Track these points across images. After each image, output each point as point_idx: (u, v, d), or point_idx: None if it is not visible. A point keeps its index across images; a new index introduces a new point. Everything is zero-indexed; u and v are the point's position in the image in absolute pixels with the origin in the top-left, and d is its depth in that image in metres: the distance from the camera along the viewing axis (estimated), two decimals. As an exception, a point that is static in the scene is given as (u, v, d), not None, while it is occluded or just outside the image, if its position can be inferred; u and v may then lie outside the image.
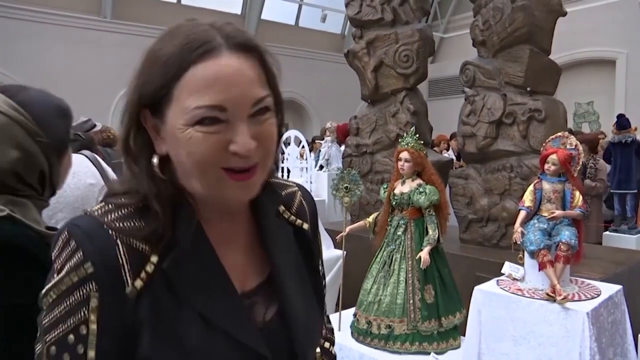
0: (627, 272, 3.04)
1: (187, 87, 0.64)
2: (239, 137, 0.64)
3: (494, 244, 3.60)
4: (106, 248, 0.64)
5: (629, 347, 2.40)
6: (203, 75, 0.64)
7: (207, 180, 0.66)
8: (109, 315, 0.63)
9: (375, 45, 4.45)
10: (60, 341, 0.63)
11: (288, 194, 0.87)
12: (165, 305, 0.65)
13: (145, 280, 0.65)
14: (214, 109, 0.63)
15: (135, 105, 0.68)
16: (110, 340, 0.63)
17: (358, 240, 3.26)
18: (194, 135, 0.64)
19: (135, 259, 0.65)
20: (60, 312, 0.64)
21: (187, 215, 0.69)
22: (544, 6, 3.48)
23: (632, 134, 5.79)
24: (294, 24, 12.62)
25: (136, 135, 0.69)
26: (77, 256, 0.63)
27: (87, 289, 0.63)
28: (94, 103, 9.04)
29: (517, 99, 3.47)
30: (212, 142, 0.64)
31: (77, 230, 0.65)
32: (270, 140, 0.69)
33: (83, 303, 0.63)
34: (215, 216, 0.73)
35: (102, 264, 0.63)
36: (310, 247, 0.87)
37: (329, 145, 6.63)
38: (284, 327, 0.75)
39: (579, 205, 2.32)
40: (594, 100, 10.76)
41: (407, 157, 2.54)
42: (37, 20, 8.97)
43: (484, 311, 2.41)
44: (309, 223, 0.88)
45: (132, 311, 0.64)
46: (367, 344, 2.53)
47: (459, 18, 12.73)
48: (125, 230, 0.66)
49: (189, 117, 0.64)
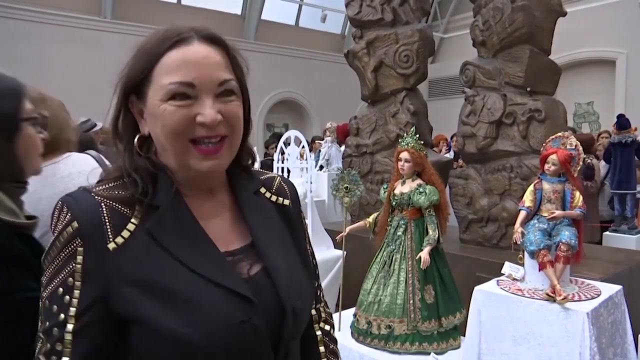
0: (627, 272, 3.04)
1: (163, 68, 0.76)
2: (204, 109, 0.75)
3: (494, 244, 3.60)
4: (91, 209, 0.74)
5: (629, 348, 2.40)
6: (176, 58, 0.76)
7: (176, 152, 0.77)
8: (93, 266, 0.71)
9: (375, 45, 4.45)
10: (52, 295, 0.72)
11: (267, 179, 0.97)
12: (148, 259, 0.73)
13: (126, 237, 0.74)
14: (183, 85, 0.75)
15: (122, 89, 0.80)
16: (94, 289, 0.71)
17: (358, 240, 3.26)
18: (167, 109, 0.75)
19: (117, 219, 0.74)
20: (54, 268, 0.73)
21: (166, 185, 0.79)
22: (544, 6, 3.48)
23: (632, 134, 5.79)
24: (294, 24, 12.61)
25: (123, 118, 0.82)
26: (67, 217, 0.74)
27: (74, 244, 0.72)
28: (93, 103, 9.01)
29: (517, 99, 3.47)
30: (181, 113, 0.75)
31: (69, 198, 0.76)
32: (235, 118, 0.80)
33: (71, 257, 0.72)
34: (195, 192, 0.83)
35: (87, 221, 0.73)
36: (293, 221, 0.95)
37: (329, 145, 6.64)
38: (269, 281, 0.82)
39: (579, 206, 2.32)
40: (594, 100, 10.76)
41: (407, 157, 2.54)
42: (37, 20, 8.96)
43: (484, 311, 2.41)
44: (289, 199, 0.96)
45: (115, 265, 0.72)
46: (367, 344, 2.53)
47: (459, 18, 12.73)
48: (109, 196, 0.76)
49: (163, 92, 0.75)
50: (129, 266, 0.72)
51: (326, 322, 1.03)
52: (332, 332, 1.04)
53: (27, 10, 8.86)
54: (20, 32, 8.75)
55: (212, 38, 0.80)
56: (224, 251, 0.81)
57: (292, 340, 0.85)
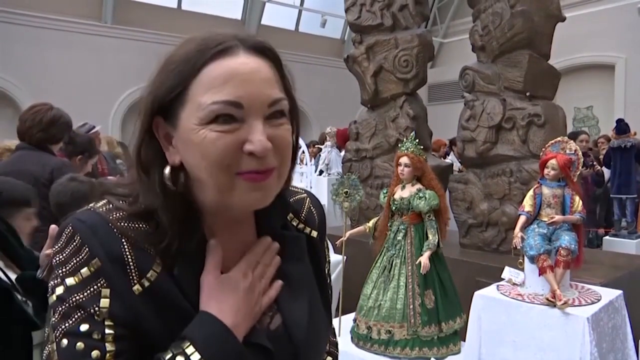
0: (627, 277, 3.04)
1: (203, 85, 0.63)
2: (254, 135, 0.63)
3: (493, 249, 3.59)
4: (111, 245, 0.64)
5: (630, 353, 2.39)
6: (220, 72, 0.64)
7: (219, 185, 0.65)
8: (120, 308, 0.63)
9: (374, 50, 4.46)
10: (72, 331, 0.62)
11: (297, 201, 0.87)
12: (172, 302, 0.66)
13: (152, 280, 0.64)
14: (230, 105, 0.62)
15: (149, 109, 0.67)
16: (124, 329, 0.63)
17: (358, 245, 3.25)
18: (208, 135, 0.62)
19: (141, 258, 0.65)
20: (70, 306, 0.63)
21: (193, 226, 0.68)
22: (543, 11, 3.49)
23: (631, 139, 5.80)
24: (293, 29, 12.66)
25: (148, 144, 0.68)
26: (83, 252, 0.63)
27: (98, 284, 0.63)
28: (94, 107, 9.05)
29: (517, 104, 3.48)
30: (226, 141, 0.63)
31: (82, 226, 0.64)
32: (286, 145, 0.68)
33: (95, 298, 0.62)
34: (222, 228, 0.73)
35: (108, 259, 0.63)
36: (318, 255, 0.86)
37: (328, 150, 6.64)
38: (288, 337, 0.74)
39: (578, 210, 2.32)
40: (593, 105, 10.77)
41: (406, 162, 2.54)
42: (39, 25, 9.00)
43: (484, 316, 2.40)
44: (317, 230, 0.87)
45: (140, 304, 0.64)
46: (367, 349, 2.53)
47: (458, 23, 12.77)
48: (129, 230, 0.65)
49: (203, 114, 0.63)
50: (154, 310, 0.64)
51: (330, 354, 0.95)
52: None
53: (29, 16, 8.89)
54: (21, 37, 8.78)
55: (261, 48, 0.68)
56: None
57: None
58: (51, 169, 2.49)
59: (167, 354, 0.62)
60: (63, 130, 2.69)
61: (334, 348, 0.98)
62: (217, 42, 0.65)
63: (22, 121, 2.61)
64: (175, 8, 10.84)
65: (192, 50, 0.65)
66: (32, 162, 2.51)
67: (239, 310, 0.67)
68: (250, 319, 0.69)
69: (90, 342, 0.62)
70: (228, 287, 0.68)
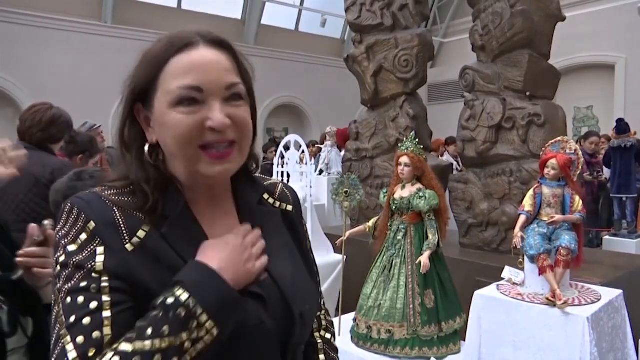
0: (627, 276, 3.04)
1: (170, 74, 0.76)
2: (213, 113, 0.75)
3: (493, 249, 3.59)
4: (104, 212, 0.74)
5: (630, 352, 2.39)
6: (183, 63, 0.76)
7: (186, 159, 0.76)
8: (114, 262, 0.71)
9: (375, 50, 4.46)
10: (74, 290, 0.70)
11: (270, 185, 0.98)
12: (163, 262, 0.74)
13: (142, 238, 0.74)
14: (191, 89, 0.74)
15: (128, 98, 0.79)
16: (119, 282, 0.70)
17: (358, 244, 3.25)
18: (175, 117, 0.74)
19: (131, 221, 0.75)
20: (72, 268, 0.71)
21: (175, 195, 0.79)
22: (543, 11, 3.49)
23: (631, 139, 5.80)
24: (294, 29, 12.65)
25: (130, 127, 0.80)
26: (81, 219, 0.73)
27: (93, 244, 0.72)
28: (94, 107, 9.05)
29: (517, 104, 3.48)
30: (190, 120, 0.74)
31: (79, 201, 0.75)
32: (244, 122, 0.79)
33: (91, 256, 0.71)
34: (200, 198, 0.83)
35: (102, 221, 0.73)
36: (296, 227, 0.96)
37: (328, 149, 6.64)
38: (276, 288, 0.82)
39: (578, 210, 2.32)
40: (593, 104, 10.78)
41: (406, 161, 2.55)
42: (39, 25, 9.00)
43: (484, 316, 2.40)
44: (292, 205, 0.97)
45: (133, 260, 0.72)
46: (367, 349, 2.53)
47: (458, 23, 12.77)
48: (119, 202, 0.76)
49: (170, 97, 0.74)
50: (147, 265, 0.72)
51: (327, 330, 1.03)
52: (333, 341, 1.03)
53: (29, 15, 8.89)
54: (21, 37, 8.78)
55: (218, 42, 0.80)
56: None
57: (299, 345, 0.85)
58: (52, 169, 2.48)
59: (159, 298, 0.69)
60: (63, 129, 2.69)
61: (331, 326, 1.05)
62: (181, 38, 0.77)
63: (22, 121, 2.61)
64: (175, 8, 10.84)
65: (161, 47, 0.78)
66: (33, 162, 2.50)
67: (226, 258, 0.75)
68: (240, 270, 0.76)
69: (89, 295, 0.69)
70: (218, 242, 0.78)
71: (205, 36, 0.79)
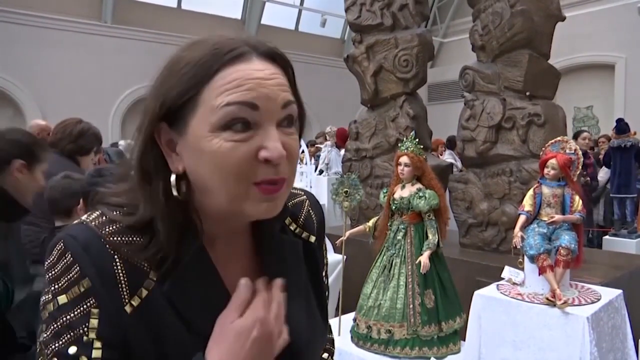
0: (627, 276, 3.04)
1: (217, 89, 0.61)
2: (270, 142, 0.61)
3: (493, 249, 3.59)
4: (103, 262, 0.63)
5: (630, 352, 2.39)
6: (234, 76, 0.62)
7: (234, 194, 0.63)
8: (109, 328, 0.62)
9: (374, 50, 4.46)
10: (62, 353, 0.62)
11: (295, 204, 0.85)
12: (163, 320, 0.64)
13: (143, 298, 0.64)
14: (245, 106, 0.60)
15: (156, 114, 0.64)
16: (112, 350, 0.63)
17: (358, 244, 3.25)
18: (223, 145, 0.60)
19: (134, 275, 0.64)
20: (61, 325, 0.62)
21: (191, 239, 0.66)
22: (543, 11, 3.49)
23: (631, 138, 5.80)
24: (293, 28, 12.66)
25: (149, 151, 0.66)
26: (74, 271, 0.62)
27: (87, 304, 0.62)
28: (94, 107, 9.05)
29: (517, 104, 3.48)
30: (242, 151, 0.60)
31: (73, 243, 0.63)
32: (295, 156, 0.67)
33: (84, 317, 0.62)
34: (219, 235, 0.71)
35: (99, 278, 0.62)
36: (316, 259, 0.85)
37: (328, 149, 6.64)
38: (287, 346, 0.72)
39: (578, 210, 2.32)
40: (593, 104, 10.79)
41: (406, 161, 2.55)
42: (39, 25, 9.00)
43: (484, 316, 2.40)
44: (315, 235, 0.86)
45: (130, 324, 0.63)
46: (367, 348, 2.53)
47: (458, 23, 12.78)
48: (123, 245, 0.64)
49: (217, 117, 0.60)
50: (145, 329, 0.63)
51: (326, 350, 0.95)
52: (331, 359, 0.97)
53: (29, 15, 8.89)
54: (21, 37, 8.78)
55: (273, 55, 0.67)
56: None
57: None
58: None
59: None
60: (92, 141, 2.86)
61: (330, 345, 0.98)
62: (230, 47, 0.63)
63: (54, 133, 2.84)
64: (175, 8, 10.84)
65: (205, 54, 0.63)
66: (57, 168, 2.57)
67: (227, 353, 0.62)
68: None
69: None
70: (237, 336, 0.63)
71: (257, 47, 0.65)
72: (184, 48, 0.66)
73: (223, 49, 0.63)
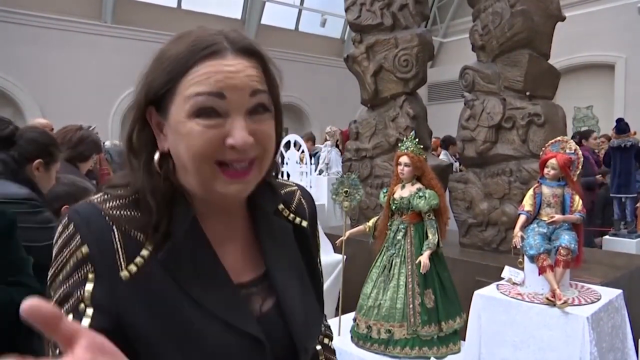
0: (627, 276, 3.04)
1: (190, 81, 0.68)
2: (236, 130, 0.67)
3: (493, 249, 3.59)
4: (102, 232, 0.68)
5: (630, 352, 2.40)
6: (205, 70, 0.68)
7: (201, 175, 0.69)
8: (103, 295, 0.66)
9: (374, 49, 4.46)
10: None
11: (287, 193, 0.90)
12: (160, 289, 0.68)
13: (139, 266, 0.68)
14: (212, 96, 0.67)
15: (142, 100, 0.71)
16: (104, 318, 0.65)
17: (358, 244, 3.25)
18: (193, 128, 0.67)
19: (130, 245, 0.68)
20: (62, 293, 0.67)
21: (183, 211, 0.72)
22: (543, 11, 3.49)
23: (631, 138, 5.80)
24: (293, 28, 12.66)
25: (140, 131, 0.73)
26: (75, 240, 0.67)
27: (84, 269, 0.66)
28: (94, 107, 9.06)
29: (517, 104, 3.48)
30: (209, 135, 0.67)
31: (76, 216, 0.69)
32: (267, 139, 0.72)
33: (81, 283, 0.66)
34: (212, 213, 0.76)
35: (97, 246, 0.67)
36: (309, 244, 0.89)
37: (328, 149, 6.64)
38: (281, 319, 0.76)
39: (578, 210, 2.32)
40: (593, 104, 10.79)
41: (406, 161, 2.55)
42: (39, 25, 9.00)
43: (484, 316, 2.40)
44: (307, 220, 0.90)
45: (127, 293, 0.66)
46: (367, 348, 2.53)
47: (458, 23, 12.78)
48: (121, 218, 0.69)
49: (189, 105, 0.67)
50: (140, 297, 0.67)
51: (326, 335, 1.00)
52: (331, 344, 1.01)
53: (29, 15, 8.90)
54: (21, 37, 8.78)
55: (249, 50, 0.71)
56: (237, 283, 0.75)
57: None
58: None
59: None
60: (91, 148, 2.89)
61: (328, 330, 1.01)
62: (207, 43, 0.69)
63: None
64: (175, 7, 10.85)
65: (183, 50, 0.69)
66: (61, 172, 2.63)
67: None
68: None
69: None
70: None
71: (235, 42, 0.70)
72: (170, 41, 0.73)
73: (200, 45, 0.69)
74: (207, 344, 0.68)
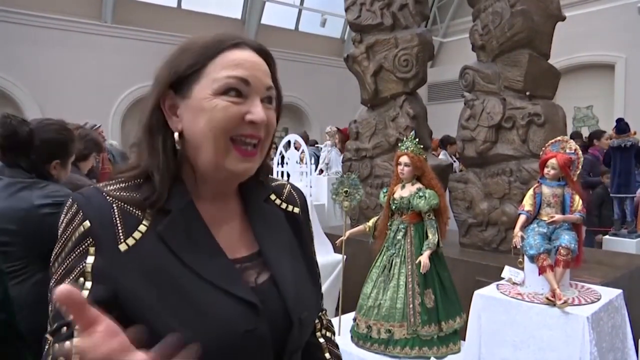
0: (627, 276, 3.04)
1: (220, 64, 0.78)
2: (255, 108, 0.78)
3: (493, 248, 3.59)
4: (102, 209, 0.74)
5: (630, 352, 2.40)
6: (234, 57, 0.79)
7: (216, 149, 0.77)
8: (103, 266, 0.71)
9: (374, 49, 4.46)
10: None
11: (277, 186, 0.98)
12: (157, 262, 0.73)
13: (137, 239, 0.73)
14: (241, 81, 0.77)
15: (166, 81, 0.79)
16: (103, 290, 0.70)
17: (358, 244, 3.26)
18: (218, 103, 0.76)
19: (128, 220, 0.74)
20: (65, 268, 0.72)
21: (180, 190, 0.79)
22: (543, 11, 3.49)
23: (631, 138, 5.79)
24: (293, 28, 12.66)
25: (154, 113, 0.80)
26: (78, 217, 0.73)
27: (86, 243, 0.72)
28: (94, 107, 9.05)
29: (517, 103, 3.48)
30: (233, 110, 0.77)
31: (80, 197, 0.76)
32: (271, 126, 0.82)
33: (82, 257, 0.71)
34: (208, 197, 0.83)
35: (98, 221, 0.73)
36: (301, 229, 0.95)
37: (328, 149, 6.64)
38: (276, 291, 0.81)
39: (578, 210, 2.32)
40: (593, 104, 10.79)
41: (406, 161, 2.55)
42: (39, 25, 9.00)
43: (484, 316, 2.40)
44: (299, 208, 0.97)
45: (125, 263, 0.71)
46: (367, 348, 2.53)
47: (458, 22, 12.78)
48: (120, 197, 0.76)
49: (218, 85, 0.77)
50: (138, 268, 0.71)
51: (328, 329, 1.04)
52: (334, 338, 1.05)
53: (29, 15, 8.89)
54: (21, 36, 8.78)
55: (261, 50, 0.84)
56: (232, 259, 0.80)
57: (296, 351, 0.85)
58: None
59: None
60: (90, 147, 2.90)
61: (331, 325, 1.06)
62: (232, 37, 0.81)
63: None
64: (175, 7, 10.84)
65: (210, 40, 0.80)
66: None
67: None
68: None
69: None
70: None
71: (250, 43, 0.83)
72: (196, 37, 0.83)
73: (226, 37, 0.81)
74: (202, 310, 0.71)
